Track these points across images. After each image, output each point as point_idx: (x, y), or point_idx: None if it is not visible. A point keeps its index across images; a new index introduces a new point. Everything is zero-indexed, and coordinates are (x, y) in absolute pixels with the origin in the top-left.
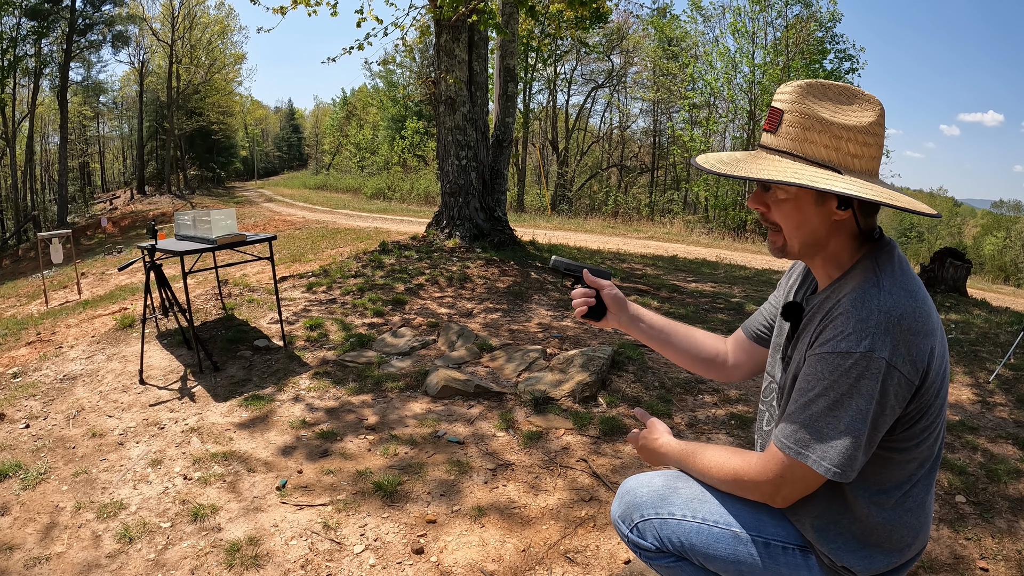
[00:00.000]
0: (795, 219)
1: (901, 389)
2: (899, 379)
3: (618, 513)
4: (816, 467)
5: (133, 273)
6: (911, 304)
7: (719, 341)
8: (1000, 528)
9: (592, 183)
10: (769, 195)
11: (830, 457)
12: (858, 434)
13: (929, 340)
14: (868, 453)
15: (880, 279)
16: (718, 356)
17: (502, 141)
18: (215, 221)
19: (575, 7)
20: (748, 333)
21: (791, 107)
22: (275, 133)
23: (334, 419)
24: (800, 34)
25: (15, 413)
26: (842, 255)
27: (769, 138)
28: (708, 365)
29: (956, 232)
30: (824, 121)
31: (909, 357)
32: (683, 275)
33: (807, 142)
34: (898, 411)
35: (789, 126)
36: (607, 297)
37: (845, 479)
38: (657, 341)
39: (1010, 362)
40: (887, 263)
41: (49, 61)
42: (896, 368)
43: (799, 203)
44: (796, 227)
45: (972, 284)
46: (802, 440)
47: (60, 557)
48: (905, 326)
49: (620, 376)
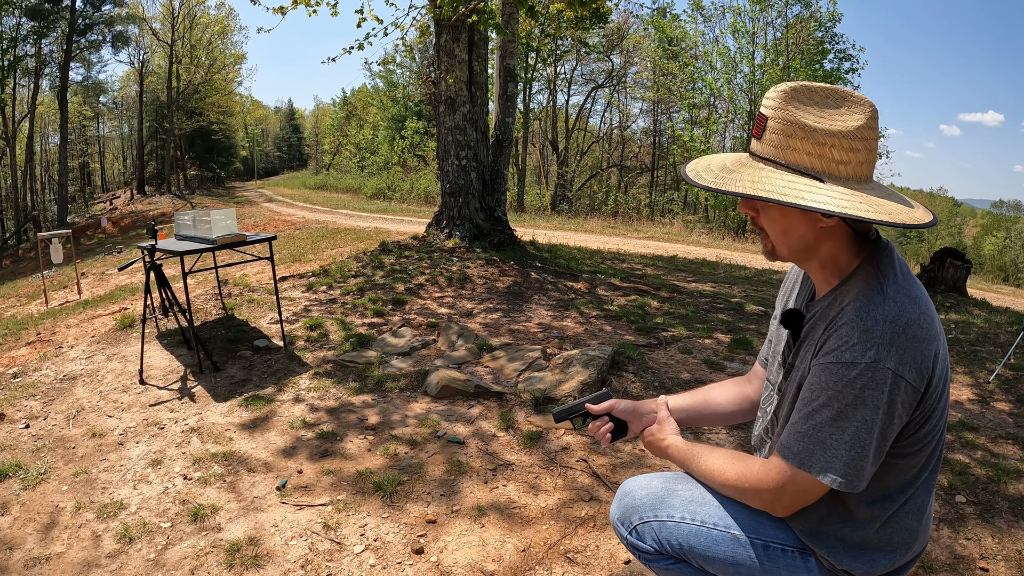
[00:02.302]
0: (780, 226)
1: (908, 397)
2: (906, 388)
3: (617, 515)
4: (821, 477)
5: (133, 273)
6: (916, 311)
7: (739, 386)
8: (1000, 528)
9: (592, 183)
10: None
11: (835, 468)
12: (863, 445)
13: (933, 345)
14: (877, 463)
15: (884, 286)
16: (743, 403)
17: (502, 141)
18: (215, 221)
19: (575, 7)
20: (762, 363)
21: (775, 113)
22: (275, 133)
23: (334, 419)
24: (800, 34)
25: (15, 413)
26: (840, 260)
27: (756, 144)
28: (740, 415)
29: (956, 232)
30: (807, 127)
31: (915, 365)
32: (683, 275)
33: (789, 149)
34: (905, 419)
35: (772, 133)
36: (620, 414)
37: (852, 489)
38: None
39: (1010, 362)
40: (889, 268)
41: (49, 61)
42: (902, 378)
43: (783, 211)
44: (782, 234)
45: (972, 284)
46: (806, 450)
47: (60, 557)
48: (911, 334)
49: (620, 376)
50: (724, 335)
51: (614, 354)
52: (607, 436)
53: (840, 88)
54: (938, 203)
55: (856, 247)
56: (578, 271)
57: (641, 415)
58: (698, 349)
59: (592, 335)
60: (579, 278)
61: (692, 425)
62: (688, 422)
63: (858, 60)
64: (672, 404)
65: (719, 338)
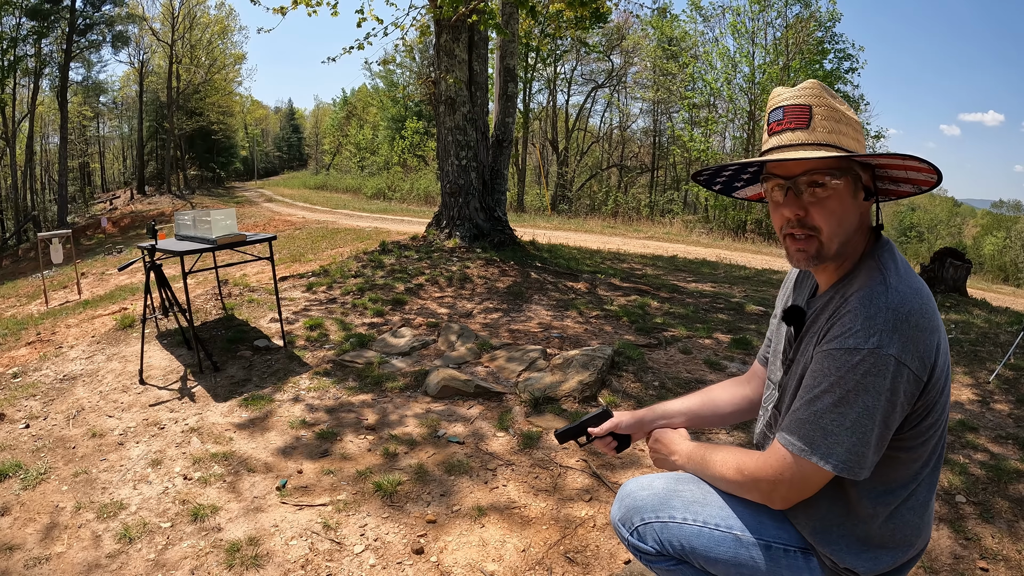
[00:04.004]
0: (839, 214)
1: (910, 386)
2: (908, 376)
3: (618, 516)
4: (822, 463)
5: (133, 273)
6: (918, 301)
7: (739, 386)
8: (1000, 528)
9: (592, 183)
10: (807, 196)
11: (837, 454)
12: (865, 431)
13: (935, 336)
14: (880, 451)
15: (887, 277)
16: (743, 402)
17: (502, 141)
18: (215, 221)
19: (575, 7)
20: (761, 362)
21: (818, 102)
22: (275, 133)
23: (334, 419)
24: (800, 34)
25: (15, 413)
26: (855, 251)
27: (801, 135)
28: (740, 415)
29: (956, 232)
30: (845, 115)
31: (917, 353)
32: (683, 275)
33: (841, 134)
34: (907, 409)
35: (823, 119)
36: (623, 428)
37: (855, 476)
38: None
39: (1010, 362)
40: (890, 261)
41: (49, 61)
42: (905, 365)
43: (841, 197)
44: (839, 223)
45: (972, 284)
46: (807, 436)
47: (60, 557)
48: (913, 323)
49: (620, 376)
50: (724, 335)
51: (614, 354)
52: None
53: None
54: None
55: (865, 239)
56: (578, 271)
57: (643, 424)
58: (698, 349)
59: (592, 335)
60: (579, 278)
61: (693, 427)
62: (689, 424)
63: (858, 60)
64: (673, 408)
65: (719, 338)
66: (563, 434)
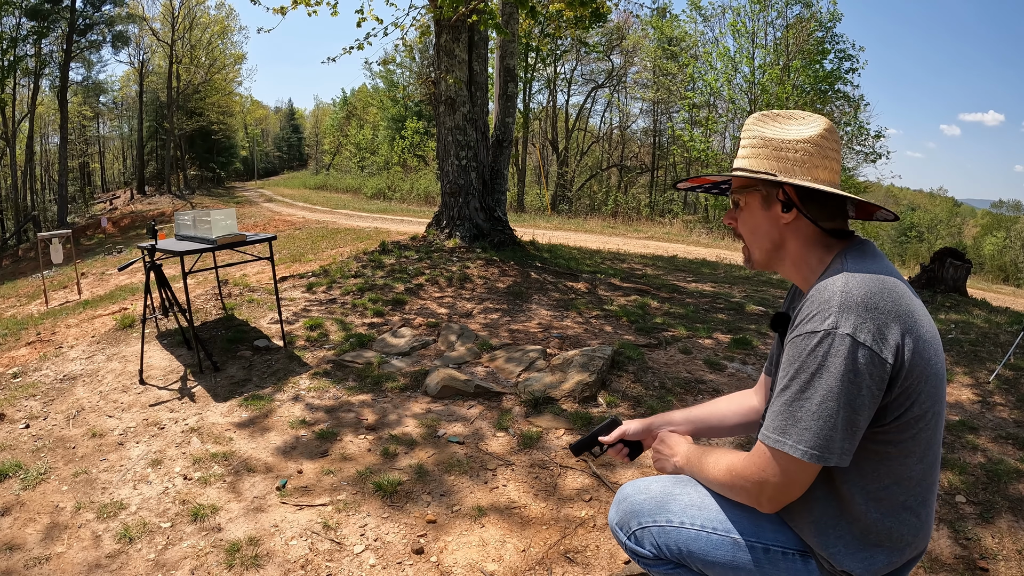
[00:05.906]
0: (750, 225)
1: (874, 368)
2: (867, 355)
3: (616, 520)
4: (793, 451)
5: (133, 273)
6: (876, 284)
7: (745, 397)
8: (1000, 528)
9: (592, 183)
10: (737, 210)
11: (805, 439)
12: (830, 413)
13: (900, 321)
14: (852, 437)
15: (844, 267)
16: (749, 413)
17: (502, 141)
18: (215, 221)
19: (575, 7)
20: (767, 372)
21: (748, 133)
22: (275, 133)
23: (334, 419)
24: (800, 34)
25: (15, 413)
26: (810, 259)
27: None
28: (746, 427)
29: (956, 232)
30: (770, 140)
31: (876, 332)
32: (683, 275)
33: (756, 158)
34: (877, 393)
35: (747, 147)
36: (634, 436)
37: (826, 462)
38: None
39: (1010, 362)
40: (856, 256)
41: (49, 61)
42: (861, 343)
43: (751, 209)
44: (751, 233)
45: (972, 284)
46: (779, 428)
47: (60, 557)
48: (871, 304)
49: (620, 376)
50: (724, 335)
51: (614, 354)
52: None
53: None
54: (938, 203)
55: (825, 245)
56: (578, 271)
57: (651, 430)
58: (698, 349)
59: (592, 335)
60: (579, 278)
61: (699, 435)
62: (695, 433)
63: (858, 60)
64: (679, 416)
65: (719, 338)
66: (577, 447)
